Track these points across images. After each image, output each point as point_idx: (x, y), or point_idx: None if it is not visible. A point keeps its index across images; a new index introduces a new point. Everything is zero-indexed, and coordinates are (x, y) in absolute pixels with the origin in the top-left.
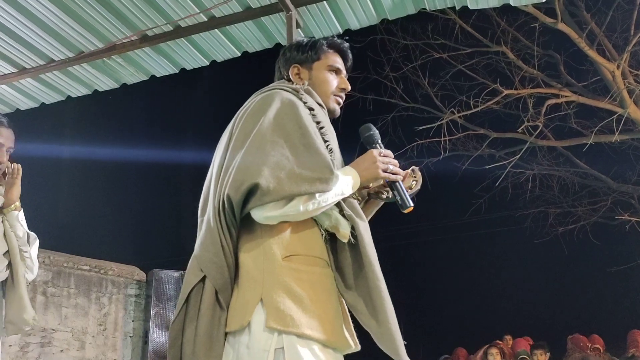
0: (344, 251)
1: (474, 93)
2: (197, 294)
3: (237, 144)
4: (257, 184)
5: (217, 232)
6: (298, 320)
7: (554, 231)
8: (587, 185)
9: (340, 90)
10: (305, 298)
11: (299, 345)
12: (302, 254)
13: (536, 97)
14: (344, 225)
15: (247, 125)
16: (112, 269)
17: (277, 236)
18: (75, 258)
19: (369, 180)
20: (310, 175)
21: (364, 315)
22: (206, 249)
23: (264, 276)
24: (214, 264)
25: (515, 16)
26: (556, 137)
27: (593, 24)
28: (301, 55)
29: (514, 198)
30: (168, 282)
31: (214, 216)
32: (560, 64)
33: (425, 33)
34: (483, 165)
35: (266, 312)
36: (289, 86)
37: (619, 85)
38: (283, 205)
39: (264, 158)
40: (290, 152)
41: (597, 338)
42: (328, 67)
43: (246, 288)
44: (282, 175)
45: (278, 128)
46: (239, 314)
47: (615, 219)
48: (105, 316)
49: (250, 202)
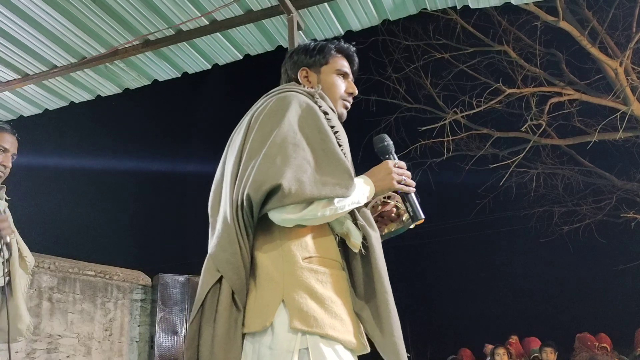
0: (355, 259)
1: (477, 93)
2: (213, 295)
3: (255, 144)
4: (279, 185)
5: (234, 232)
6: (321, 321)
7: (559, 230)
8: (592, 184)
9: (348, 95)
10: (326, 299)
11: (323, 345)
12: (320, 256)
13: (539, 95)
14: (355, 234)
15: (265, 126)
16: (118, 274)
17: (296, 238)
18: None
19: (384, 191)
20: (331, 180)
21: (369, 324)
22: (223, 248)
23: (284, 277)
24: (230, 264)
25: (517, 15)
26: (560, 135)
27: (595, 22)
28: (309, 59)
29: (518, 197)
30: (173, 286)
31: (232, 216)
32: (563, 62)
33: (427, 33)
34: (487, 165)
35: (289, 313)
36: (303, 89)
37: (622, 83)
38: (302, 209)
39: (286, 160)
40: (311, 156)
41: (604, 337)
42: (336, 71)
43: (265, 289)
44: (304, 179)
45: (299, 131)
46: (259, 315)
47: (621, 217)
48: (111, 321)
49: (269, 203)
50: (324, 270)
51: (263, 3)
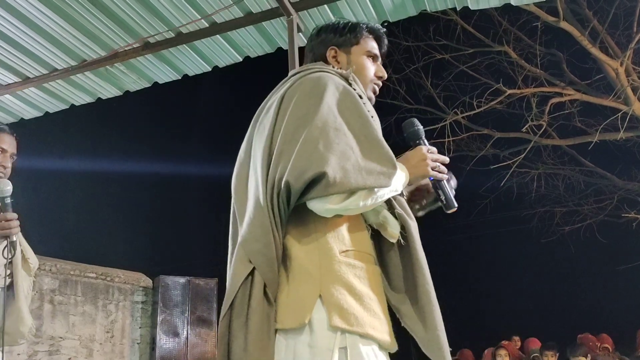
0: (391, 250)
1: (477, 93)
2: (245, 288)
3: (290, 127)
4: (324, 174)
5: (269, 222)
6: (361, 320)
7: (561, 230)
8: (593, 184)
9: (378, 78)
10: (364, 296)
11: (362, 345)
12: (356, 250)
13: (539, 96)
14: (393, 224)
15: (300, 107)
16: (119, 276)
17: (333, 230)
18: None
19: (418, 178)
20: (376, 168)
21: (410, 318)
22: (256, 238)
23: (320, 271)
24: (264, 255)
25: (517, 15)
26: (560, 136)
27: (595, 22)
28: (339, 37)
29: (519, 198)
30: (174, 288)
31: (266, 203)
32: (563, 62)
33: (427, 34)
34: (487, 165)
35: (327, 310)
36: (335, 70)
37: (623, 83)
38: (345, 199)
39: (329, 145)
40: (353, 142)
41: (606, 337)
42: (367, 52)
43: (300, 283)
44: (348, 166)
45: (338, 115)
46: (294, 310)
47: (622, 217)
48: (113, 323)
49: (311, 192)
50: (361, 265)
51: (263, 5)
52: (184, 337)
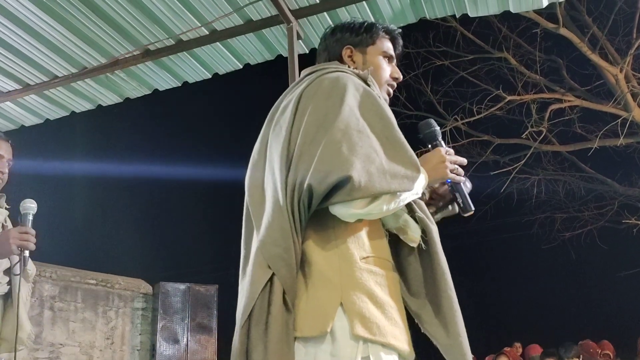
0: (410, 255)
1: (477, 99)
2: (264, 294)
3: (310, 128)
4: (349, 177)
5: (288, 226)
6: (384, 329)
7: (561, 236)
8: (593, 190)
9: (393, 79)
10: (386, 304)
11: (384, 354)
12: (376, 256)
13: (539, 102)
14: (413, 228)
15: (319, 108)
16: (119, 283)
17: (353, 235)
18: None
19: (436, 180)
20: (400, 172)
21: (431, 324)
22: (275, 243)
23: (341, 278)
24: (283, 260)
25: (517, 22)
26: (560, 142)
27: (595, 28)
28: (355, 37)
29: (519, 204)
30: (174, 294)
31: (286, 206)
32: (563, 68)
33: (427, 41)
34: (488, 171)
35: (349, 318)
36: (353, 71)
37: (623, 89)
38: (368, 203)
39: (353, 148)
40: (377, 144)
41: (607, 344)
42: (382, 53)
43: (320, 289)
44: (373, 170)
45: (360, 117)
46: (314, 318)
47: (622, 223)
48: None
49: (335, 196)
50: (381, 272)
51: (263, 13)
52: (184, 344)
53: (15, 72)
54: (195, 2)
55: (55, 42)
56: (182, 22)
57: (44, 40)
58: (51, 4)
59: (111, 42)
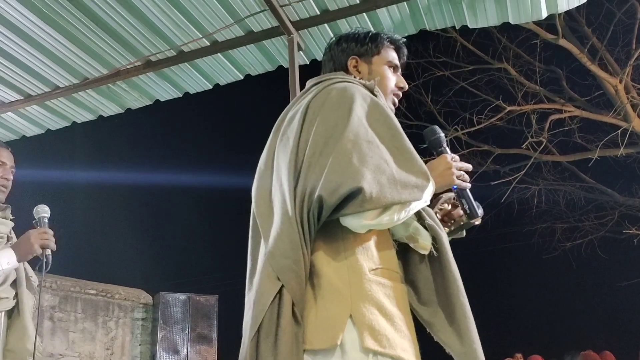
0: (420, 264)
1: (477, 110)
2: (273, 306)
3: (319, 138)
4: (360, 189)
5: (298, 237)
6: (393, 341)
7: (562, 246)
8: (594, 200)
9: (399, 89)
10: (395, 316)
11: None
12: (385, 267)
13: (539, 112)
14: (424, 235)
15: (328, 119)
16: (119, 293)
17: (362, 246)
18: (81, 282)
19: (443, 187)
20: (410, 181)
21: (445, 332)
22: (285, 254)
23: (350, 290)
24: (293, 272)
25: (516, 33)
26: (561, 152)
27: (594, 39)
28: (360, 47)
29: (520, 214)
30: (174, 304)
31: (295, 217)
32: (563, 79)
33: (427, 51)
34: (488, 181)
35: (358, 331)
36: (359, 81)
37: (622, 100)
38: (380, 214)
39: (363, 159)
40: (387, 154)
41: (609, 355)
42: (388, 62)
43: (329, 301)
44: (383, 181)
45: (369, 127)
46: (324, 330)
47: (623, 233)
48: (113, 340)
49: (346, 208)
50: (390, 284)
51: (263, 24)
52: (184, 355)
53: (16, 83)
54: (196, 14)
55: (57, 53)
56: (183, 33)
57: (45, 51)
58: (53, 14)
59: (112, 53)
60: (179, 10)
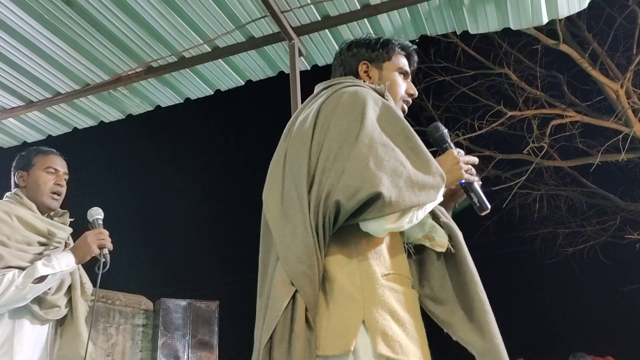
0: (435, 263)
1: (478, 115)
2: (287, 311)
3: (332, 143)
4: (379, 194)
5: (312, 242)
6: (406, 347)
7: (564, 251)
8: (595, 205)
9: (409, 96)
10: (407, 322)
11: None
12: (396, 273)
13: (540, 118)
14: (440, 233)
15: (340, 123)
16: (120, 299)
17: (374, 251)
18: None
19: (452, 182)
20: (427, 182)
21: (464, 331)
22: (300, 259)
23: (363, 295)
24: (307, 277)
25: (517, 38)
26: (562, 157)
27: (595, 44)
28: (371, 52)
29: (522, 219)
30: (175, 311)
31: (310, 222)
32: (564, 84)
33: (428, 56)
34: (489, 186)
35: (371, 337)
36: (370, 86)
37: (624, 105)
38: (399, 217)
39: (380, 163)
40: (402, 156)
41: None
42: (398, 69)
43: (342, 307)
44: (401, 184)
45: (383, 131)
46: (337, 336)
47: (625, 239)
48: (113, 347)
49: (366, 212)
50: (402, 290)
51: (265, 30)
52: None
53: (18, 89)
54: (197, 20)
55: (58, 59)
56: (185, 39)
57: (46, 57)
58: (54, 21)
59: (113, 59)
60: (180, 16)
